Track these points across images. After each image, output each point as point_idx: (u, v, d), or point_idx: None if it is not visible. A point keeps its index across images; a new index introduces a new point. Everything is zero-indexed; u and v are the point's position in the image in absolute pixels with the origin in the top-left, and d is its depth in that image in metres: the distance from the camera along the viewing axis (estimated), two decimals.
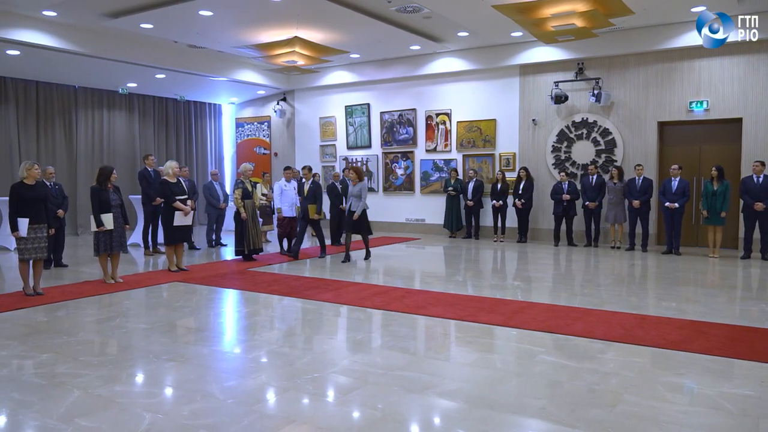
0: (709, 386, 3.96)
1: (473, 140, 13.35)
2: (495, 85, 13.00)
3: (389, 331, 5.49)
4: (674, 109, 11.21)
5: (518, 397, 3.81)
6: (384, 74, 14.14)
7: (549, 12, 8.90)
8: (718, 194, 9.80)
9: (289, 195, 10.56)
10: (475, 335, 5.30)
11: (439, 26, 11.18)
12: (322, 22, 10.57)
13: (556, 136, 12.32)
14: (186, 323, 5.86)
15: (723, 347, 4.78)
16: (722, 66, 10.74)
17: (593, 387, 3.94)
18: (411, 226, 14.29)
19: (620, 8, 8.86)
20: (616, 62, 11.65)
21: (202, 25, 10.63)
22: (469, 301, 6.61)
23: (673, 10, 10.04)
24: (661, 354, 4.66)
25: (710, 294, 7.09)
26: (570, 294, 7.09)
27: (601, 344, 4.91)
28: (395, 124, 14.42)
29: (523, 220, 12.20)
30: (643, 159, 11.31)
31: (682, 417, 3.46)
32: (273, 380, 4.15)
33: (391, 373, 4.24)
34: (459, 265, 9.73)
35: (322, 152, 15.55)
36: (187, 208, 8.64)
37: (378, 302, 6.55)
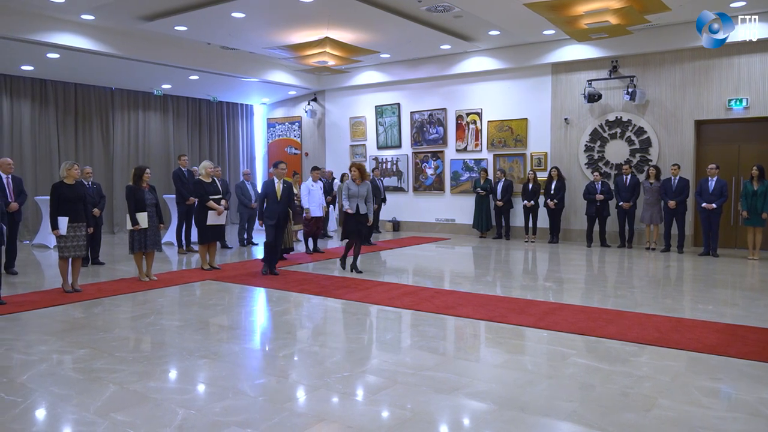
0: (747, 392, 3.86)
1: (504, 140, 13.24)
2: (526, 84, 12.87)
3: (418, 331, 5.48)
4: (712, 107, 10.93)
5: (549, 399, 3.77)
6: (414, 74, 14.12)
7: (582, 9, 8.78)
8: (759, 194, 9.52)
9: (317, 195, 10.64)
10: (505, 336, 5.26)
11: (470, 25, 11.12)
12: (352, 23, 10.61)
13: (589, 136, 12.14)
14: (218, 321, 5.95)
15: (762, 352, 4.65)
16: (762, 62, 10.44)
17: (626, 391, 3.87)
18: (441, 226, 14.24)
19: (656, 5, 8.68)
20: (652, 60, 11.42)
21: (234, 27, 10.77)
22: (499, 302, 6.56)
23: (710, 6, 9.76)
24: (697, 358, 4.56)
25: (749, 297, 6.90)
26: (603, 296, 6.98)
27: (634, 347, 4.82)
28: (425, 124, 14.39)
29: (554, 221, 12.05)
30: (679, 158, 11.07)
31: (718, 423, 3.37)
32: (303, 378, 4.18)
33: (420, 373, 4.23)
34: (489, 266, 9.66)
35: (353, 152, 15.61)
36: (220, 207, 8.77)
37: (407, 302, 6.55)
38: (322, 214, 10.84)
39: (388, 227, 14.68)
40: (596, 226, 11.48)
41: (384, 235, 13.81)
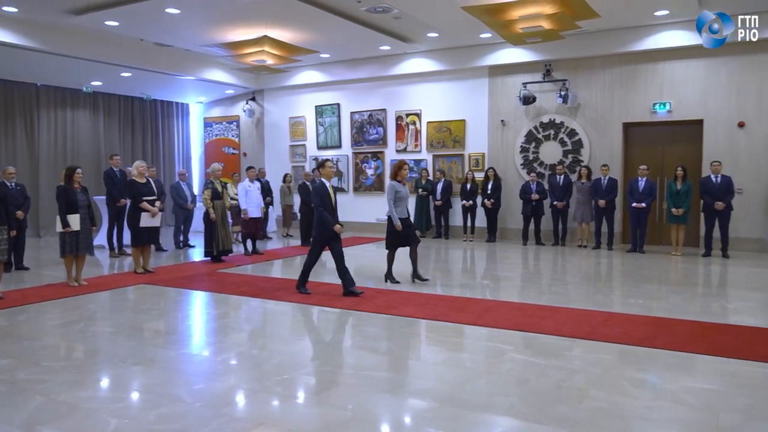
0: (671, 381, 4.06)
1: (443, 140, 13.43)
2: (464, 86, 13.10)
3: (359, 331, 5.49)
4: (638, 110, 11.45)
5: (488, 395, 3.85)
6: (354, 74, 14.13)
7: (517, 14, 9.01)
8: (682, 193, 10.04)
9: (254, 195, 10.49)
10: (445, 334, 5.34)
11: (409, 27, 11.22)
12: (291, 22, 10.51)
13: (524, 137, 12.48)
14: (153, 326, 5.77)
15: (685, 343, 4.91)
16: (684, 68, 11.02)
17: (560, 384, 4.00)
18: (381, 227, 14.26)
19: (586, 11, 9.01)
20: (583, 64, 11.85)
21: (169, 23, 10.47)
22: (440, 301, 6.65)
23: (636, 14, 10.26)
24: (626, 350, 4.76)
25: (673, 291, 7.27)
26: (538, 292, 7.19)
27: (568, 342, 4.99)
28: (365, 124, 14.42)
29: (492, 220, 12.32)
30: (609, 159, 11.53)
31: (645, 411, 3.54)
32: (242, 382, 4.11)
33: (361, 373, 4.24)
34: (429, 265, 9.77)
35: (292, 152, 15.46)
36: (154, 209, 8.50)
37: (348, 303, 6.54)
38: (261, 214, 10.68)
39: None
40: (532, 224, 11.81)
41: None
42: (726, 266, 9.10)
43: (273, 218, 14.27)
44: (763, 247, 10.46)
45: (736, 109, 10.63)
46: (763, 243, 10.47)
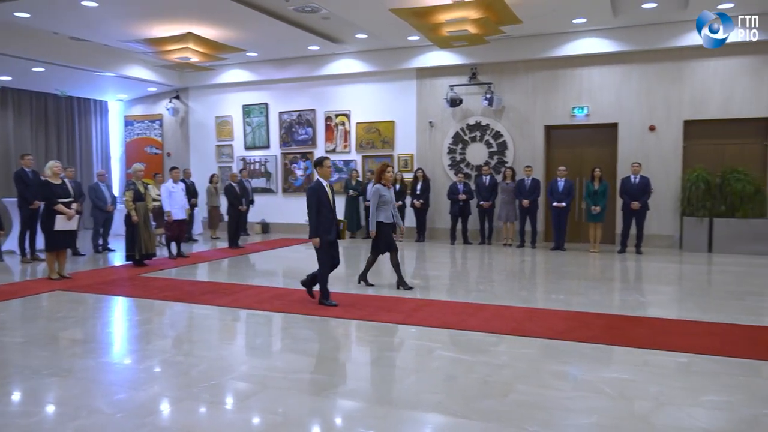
0: (590, 372, 4.26)
1: (372, 141, 13.50)
2: (393, 87, 13.22)
3: (289, 333, 5.44)
4: (559, 113, 11.92)
5: (417, 392, 3.90)
6: (282, 74, 13.97)
7: (444, 17, 9.19)
8: (599, 193, 10.55)
9: (179, 197, 10.18)
10: (375, 334, 5.36)
11: (338, 27, 11.21)
12: (217, 19, 10.26)
13: (451, 138, 12.73)
14: (70, 335, 5.48)
15: (603, 335, 5.15)
16: (600, 74, 11.57)
17: (487, 379, 4.11)
18: None
19: (509, 17, 9.31)
20: (507, 68, 12.22)
21: (86, 17, 9.97)
22: (370, 301, 6.67)
23: (556, 21, 10.69)
24: (548, 344, 4.95)
25: (591, 286, 7.61)
26: (466, 291, 7.35)
27: (494, 338, 5.13)
28: (294, 125, 14.28)
29: (420, 220, 12.49)
30: (532, 160, 11.94)
31: (566, 402, 3.69)
32: (167, 390, 3.98)
33: (291, 376, 4.19)
34: (359, 266, 9.79)
35: (219, 152, 15.11)
36: (71, 211, 8.07)
37: (278, 305, 6.46)
38: (185, 216, 10.37)
39: (257, 229, 14.39)
40: (459, 224, 12.06)
41: (253, 238, 13.52)
42: (640, 262, 9.63)
43: (199, 220, 13.88)
44: (672, 244, 11.13)
45: (647, 114, 11.26)
46: (672, 240, 11.15)
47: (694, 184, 10.51)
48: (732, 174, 10.40)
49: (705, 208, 10.50)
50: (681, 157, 11.10)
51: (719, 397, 3.75)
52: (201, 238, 13.35)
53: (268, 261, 10.18)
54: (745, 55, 10.60)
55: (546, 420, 3.42)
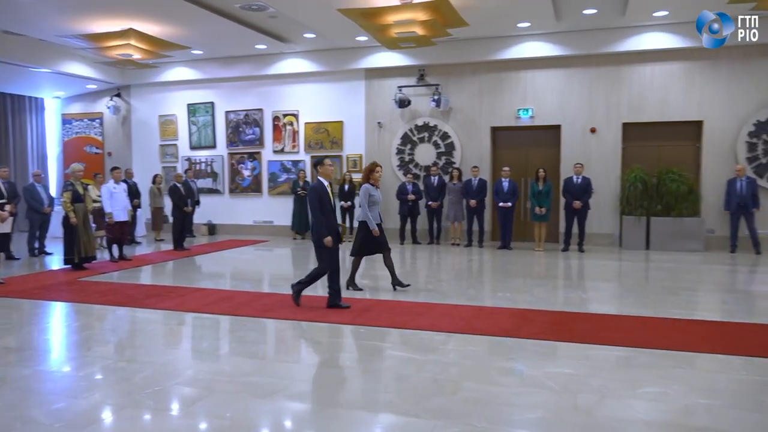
0: (536, 368, 4.36)
1: (321, 141, 13.43)
2: (342, 88, 13.19)
3: (237, 336, 5.35)
4: (504, 115, 12.17)
5: (366, 393, 3.91)
6: (229, 72, 13.74)
7: (392, 19, 9.24)
8: (543, 193, 10.82)
9: (120, 198, 9.86)
10: (324, 335, 5.34)
11: (285, 26, 11.10)
12: (160, 15, 10.00)
13: (400, 139, 12.80)
14: (3, 342, 5.22)
15: (547, 332, 5.29)
16: (544, 78, 11.87)
17: (436, 377, 4.15)
18: (259, 228, 14.03)
19: (456, 19, 9.44)
20: (454, 70, 12.38)
21: (20, 10, 9.53)
22: (319, 302, 6.64)
23: (501, 25, 10.90)
24: (495, 342, 5.04)
25: (536, 284, 7.80)
26: (415, 290, 7.40)
27: (443, 336, 5.19)
28: (241, 124, 14.06)
29: None
30: (478, 161, 12.14)
31: (513, 398, 3.77)
32: (108, 398, 3.84)
33: (238, 379, 4.13)
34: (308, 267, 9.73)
35: (162, 152, 14.72)
36: (4, 213, 7.70)
37: (225, 307, 6.35)
38: (127, 218, 10.04)
39: (203, 231, 14.09)
40: (408, 224, 12.15)
41: (199, 239, 13.24)
42: (582, 260, 9.93)
43: (142, 222, 13.49)
44: (612, 242, 11.53)
45: (588, 116, 11.63)
46: (612, 238, 11.55)
47: (632, 185, 10.92)
48: (667, 174, 10.86)
49: (642, 208, 10.93)
50: (620, 158, 11.51)
51: (656, 389, 3.91)
52: (144, 241, 12.98)
53: (215, 263, 9.99)
54: (678, 61, 11.09)
55: (493, 416, 3.48)
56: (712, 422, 3.39)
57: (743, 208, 10.37)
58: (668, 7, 9.81)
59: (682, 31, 10.65)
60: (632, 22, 10.65)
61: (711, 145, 11.04)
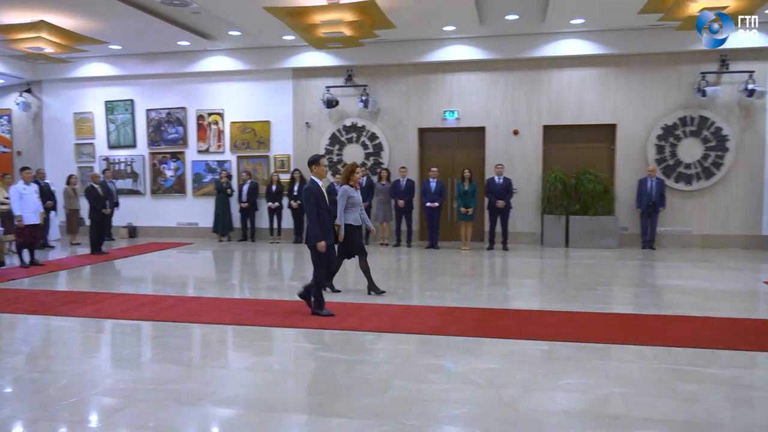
0: (463, 364, 4.46)
1: (247, 141, 13.19)
2: (269, 87, 13.00)
3: (160, 342, 5.16)
4: (431, 117, 12.37)
5: (296, 395, 3.87)
6: (150, 69, 13.24)
7: (319, 19, 9.20)
8: (469, 193, 11.09)
9: (31, 199, 9.30)
10: (252, 339, 5.25)
11: (209, 23, 10.82)
12: (73, 7, 9.50)
13: (328, 139, 12.76)
14: None
15: (474, 328, 5.42)
16: (469, 80, 12.16)
17: (365, 377, 4.17)
18: (183, 230, 13.60)
19: (383, 21, 9.52)
20: (382, 71, 12.47)
21: None
22: (246, 305, 6.52)
23: (428, 28, 11.07)
24: (424, 340, 5.11)
25: (463, 282, 7.98)
26: (344, 290, 7.39)
27: (372, 336, 5.21)
28: (163, 123, 13.59)
29: (298, 221, 12.40)
30: (406, 162, 12.28)
31: (441, 394, 3.84)
32: (20, 412, 3.62)
33: (162, 387, 3.99)
34: (235, 269, 9.54)
35: (78, 151, 14.01)
36: None
37: (146, 313, 6.11)
38: (39, 221, 9.48)
39: (123, 233, 13.51)
40: None
41: (118, 243, 12.69)
42: (506, 258, 10.24)
43: (55, 224, 12.75)
44: (534, 240, 11.96)
45: (511, 119, 12.01)
46: (534, 236, 11.98)
47: (552, 185, 11.38)
48: (585, 175, 11.37)
49: (562, 207, 11.41)
50: (541, 160, 11.96)
51: (576, 380, 4.09)
52: (59, 245, 12.29)
53: (136, 267, 9.60)
54: (594, 67, 11.64)
55: (422, 413, 3.53)
56: (627, 410, 3.58)
57: (653, 207, 11.04)
58: (584, 16, 10.28)
59: (598, 38, 11.21)
60: (551, 28, 11.09)
61: (624, 148, 11.66)
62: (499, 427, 3.36)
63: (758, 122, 11.10)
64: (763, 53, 10.91)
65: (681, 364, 4.41)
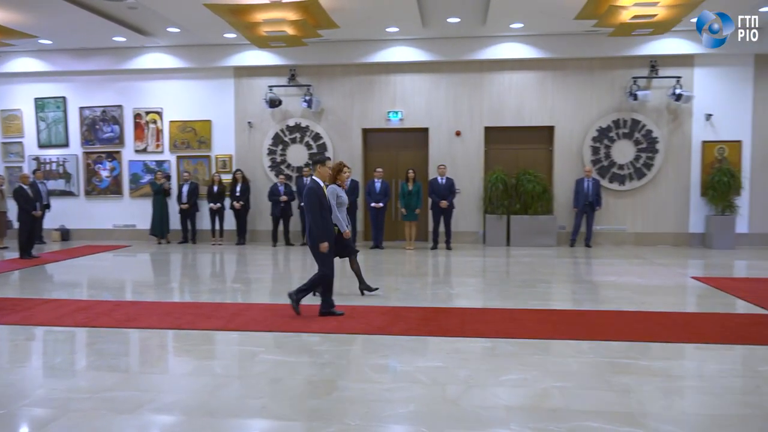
0: (408, 363, 4.50)
1: (188, 141, 12.87)
2: (210, 85, 12.73)
3: (95, 349, 4.97)
4: (375, 117, 12.41)
5: (239, 399, 3.81)
6: (83, 65, 12.73)
7: (261, 17, 9.08)
8: (413, 194, 11.19)
9: None
10: (194, 343, 5.13)
11: (147, 19, 10.51)
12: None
13: (271, 139, 12.60)
14: None
15: (418, 327, 5.47)
16: (412, 82, 12.27)
17: (311, 379, 4.14)
18: (120, 233, 13.15)
19: (326, 21, 9.49)
20: (325, 71, 12.42)
21: None
22: (187, 308, 6.36)
23: (371, 29, 11.11)
24: (369, 340, 5.12)
25: (407, 282, 8.04)
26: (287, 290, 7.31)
27: (318, 337, 5.18)
28: (98, 121, 13.09)
29: (241, 222, 12.20)
30: (350, 162, 12.23)
31: (386, 394, 3.86)
32: None
33: (98, 395, 3.84)
34: (175, 272, 9.30)
35: (5, 151, 13.32)
36: None
37: (81, 319, 5.87)
38: None
39: (54, 237, 12.93)
40: (281, 226, 12.00)
41: (50, 246, 12.14)
42: (449, 257, 10.38)
43: None
44: (477, 239, 12.18)
45: (453, 120, 12.19)
46: (477, 236, 12.20)
47: (494, 185, 11.61)
48: (524, 176, 11.67)
49: (503, 207, 11.67)
50: (483, 160, 12.19)
51: (517, 375, 4.19)
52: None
53: (69, 271, 9.21)
54: (533, 71, 11.96)
55: (367, 413, 3.54)
56: (565, 403, 3.69)
57: (589, 206, 11.45)
58: (523, 20, 10.54)
59: (536, 42, 11.53)
60: (492, 32, 11.32)
61: (561, 149, 12.03)
62: (443, 424, 3.41)
63: (685, 125, 11.68)
64: (689, 60, 11.49)
65: (616, 357, 4.59)
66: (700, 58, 11.47)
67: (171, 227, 12.57)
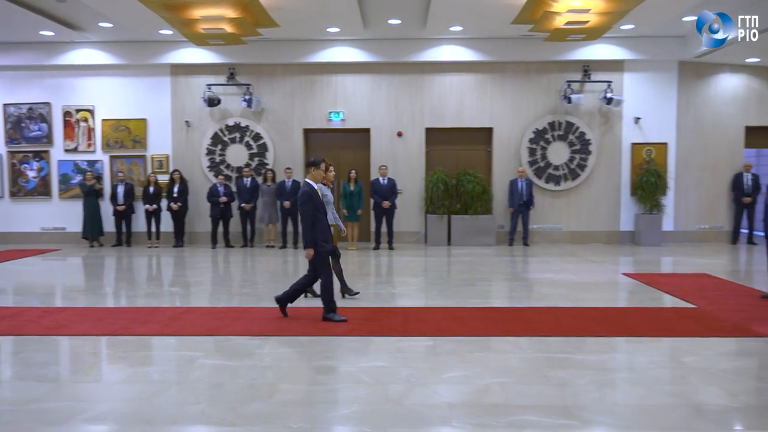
0: (351, 364, 4.49)
1: (122, 140, 12.42)
2: (145, 83, 12.33)
3: (21, 358, 4.73)
4: (316, 117, 12.34)
5: (177, 405, 3.70)
6: (6, 60, 12.08)
7: (198, 14, 8.86)
8: (355, 194, 11.19)
9: None
10: (128, 349, 4.95)
11: (76, 13, 10.07)
12: None
13: (210, 139, 12.33)
14: None
15: (361, 328, 5.47)
16: (353, 82, 12.27)
17: (252, 382, 4.08)
18: (49, 236, 12.55)
19: (266, 20, 9.36)
20: (266, 70, 12.25)
21: None
22: (122, 313, 6.14)
23: (312, 28, 11.04)
24: (311, 341, 5.09)
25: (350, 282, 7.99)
26: (229, 294, 7.19)
27: (258, 340, 5.11)
28: (24, 119, 12.45)
29: (179, 224, 11.87)
30: (292, 162, 12.16)
31: (329, 395, 3.85)
32: None
33: (24, 407, 3.66)
34: (109, 276, 8.96)
35: None
36: None
37: (6, 327, 5.57)
38: None
39: None
40: (220, 227, 11.76)
41: None
42: (392, 257, 10.44)
43: None
44: (419, 239, 12.30)
45: (395, 120, 12.27)
46: (419, 235, 12.32)
47: (435, 185, 11.76)
48: (465, 176, 11.87)
49: (444, 207, 11.83)
50: (424, 161, 12.32)
51: (459, 373, 4.26)
52: None
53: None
54: (472, 73, 12.18)
55: (310, 415, 3.52)
56: (505, 398, 3.78)
57: (524, 206, 11.77)
58: (462, 23, 10.72)
59: (475, 45, 11.74)
60: (432, 34, 11.46)
61: (500, 150, 12.30)
62: (386, 423, 3.42)
63: (615, 128, 12.17)
64: (619, 65, 11.99)
65: (552, 352, 4.73)
66: (630, 64, 11.98)
67: (105, 229, 12.10)
